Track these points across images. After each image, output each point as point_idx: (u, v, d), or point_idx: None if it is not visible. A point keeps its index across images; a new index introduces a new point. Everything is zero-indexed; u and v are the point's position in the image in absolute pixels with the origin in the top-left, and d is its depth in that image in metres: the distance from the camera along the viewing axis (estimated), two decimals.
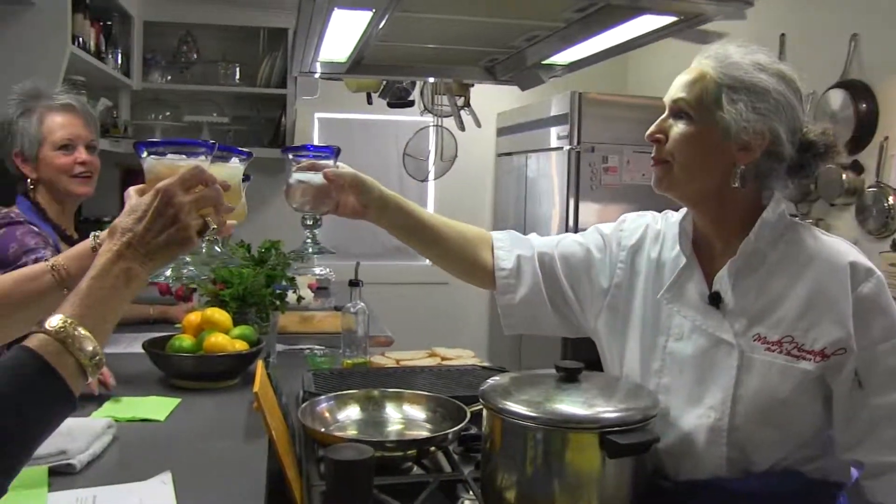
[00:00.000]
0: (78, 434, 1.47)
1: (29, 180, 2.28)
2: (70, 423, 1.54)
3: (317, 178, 1.55)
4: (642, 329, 1.49)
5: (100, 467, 1.44)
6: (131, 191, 1.14)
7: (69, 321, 0.91)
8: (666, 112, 1.42)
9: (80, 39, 3.49)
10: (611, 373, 1.55)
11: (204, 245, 1.21)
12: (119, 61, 4.26)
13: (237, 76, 4.84)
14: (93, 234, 1.36)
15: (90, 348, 0.92)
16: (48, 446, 1.38)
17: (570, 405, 1.24)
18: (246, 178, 1.59)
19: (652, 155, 1.42)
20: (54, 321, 0.91)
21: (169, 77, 4.78)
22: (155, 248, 1.02)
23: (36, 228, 2.16)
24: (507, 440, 1.26)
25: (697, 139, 1.36)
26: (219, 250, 1.33)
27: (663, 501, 1.33)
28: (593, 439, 1.18)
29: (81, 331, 0.91)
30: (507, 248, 1.64)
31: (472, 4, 1.74)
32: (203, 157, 1.18)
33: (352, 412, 1.64)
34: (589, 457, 1.19)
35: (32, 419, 0.87)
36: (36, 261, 2.01)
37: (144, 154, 1.18)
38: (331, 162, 1.57)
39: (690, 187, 1.40)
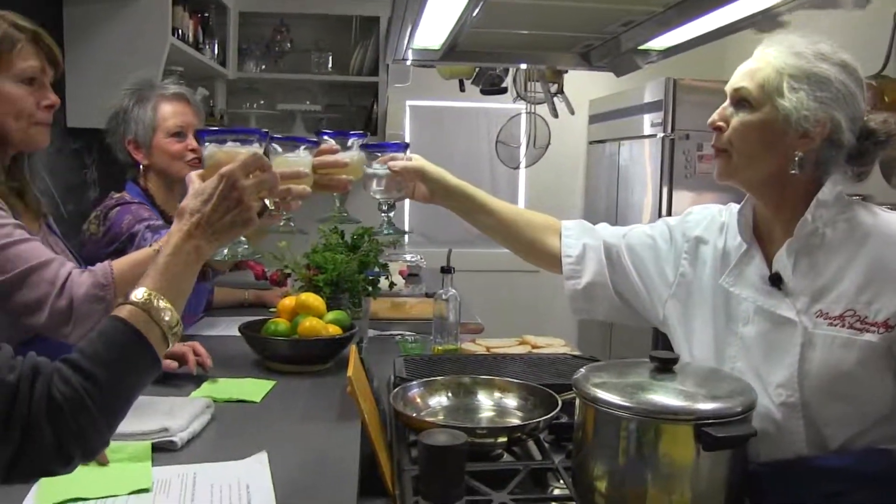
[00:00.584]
0: (179, 413, 1.53)
1: (140, 167, 2.37)
2: (171, 401, 1.61)
3: (383, 170, 1.70)
4: (713, 317, 1.52)
5: (199, 445, 1.49)
6: (193, 175, 1.19)
7: (152, 293, 1.02)
8: (727, 100, 1.45)
9: (180, 31, 3.58)
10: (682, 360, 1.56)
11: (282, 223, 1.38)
12: (215, 51, 4.36)
13: (330, 65, 4.89)
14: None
15: (170, 318, 1.03)
16: (151, 423, 1.44)
17: (665, 396, 1.21)
18: (361, 134, 1.73)
19: (712, 143, 1.46)
20: (139, 294, 1.02)
21: (263, 66, 4.88)
22: (220, 227, 1.12)
23: (148, 207, 2.25)
24: (600, 430, 1.24)
25: (758, 127, 1.38)
26: (293, 225, 1.50)
27: (749, 483, 1.30)
28: (688, 431, 1.16)
29: (162, 302, 1.03)
30: (574, 236, 1.76)
31: None
32: (257, 145, 1.25)
33: (443, 398, 1.65)
34: (683, 449, 1.17)
35: (127, 380, 0.98)
36: (149, 227, 2.12)
37: (206, 142, 1.26)
38: (402, 155, 1.71)
39: (750, 174, 1.43)
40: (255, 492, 1.26)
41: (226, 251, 1.28)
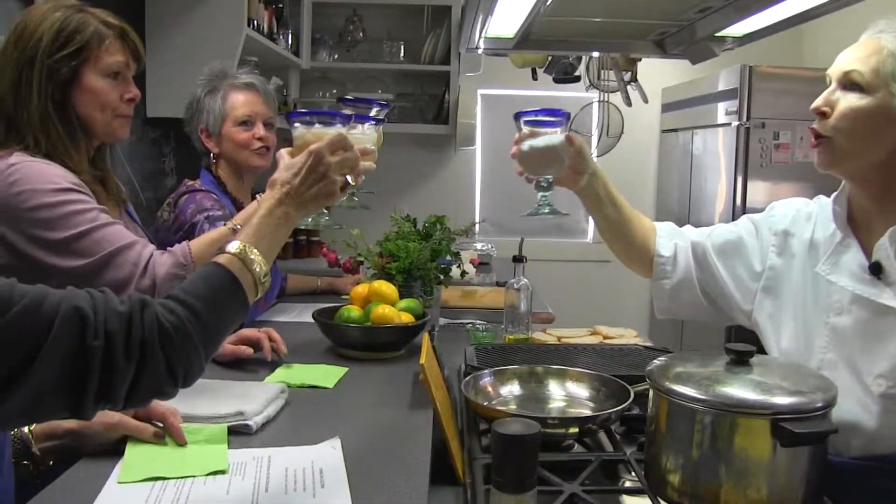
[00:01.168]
0: (254, 397, 1.56)
1: (212, 154, 2.43)
2: (246, 386, 1.64)
3: (558, 139, 1.68)
4: (803, 308, 1.50)
5: (273, 429, 1.51)
6: (283, 152, 1.34)
7: (246, 245, 1.16)
8: (833, 85, 1.40)
9: (255, 22, 3.64)
10: (770, 354, 1.56)
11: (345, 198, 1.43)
12: (289, 42, 4.42)
13: (402, 54, 4.92)
14: (258, 195, 1.62)
15: (260, 269, 1.16)
16: (227, 407, 1.48)
17: (741, 389, 1.19)
18: (384, 105, 1.75)
19: (813, 125, 1.42)
20: (234, 246, 1.15)
21: (336, 56, 4.92)
22: (307, 198, 1.26)
23: (214, 195, 2.31)
24: (674, 422, 1.22)
25: (868, 112, 1.35)
26: (356, 199, 1.57)
27: (839, 480, 1.27)
28: (765, 426, 1.13)
29: (255, 255, 1.15)
30: (666, 236, 1.76)
31: None
32: (341, 126, 1.38)
33: (514, 387, 1.65)
34: (760, 444, 1.14)
35: (222, 317, 1.10)
36: (208, 218, 2.18)
37: (295, 123, 1.40)
38: (562, 128, 1.69)
39: (855, 162, 1.40)
40: (329, 476, 1.28)
41: (310, 220, 1.39)
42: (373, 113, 1.67)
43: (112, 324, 0.96)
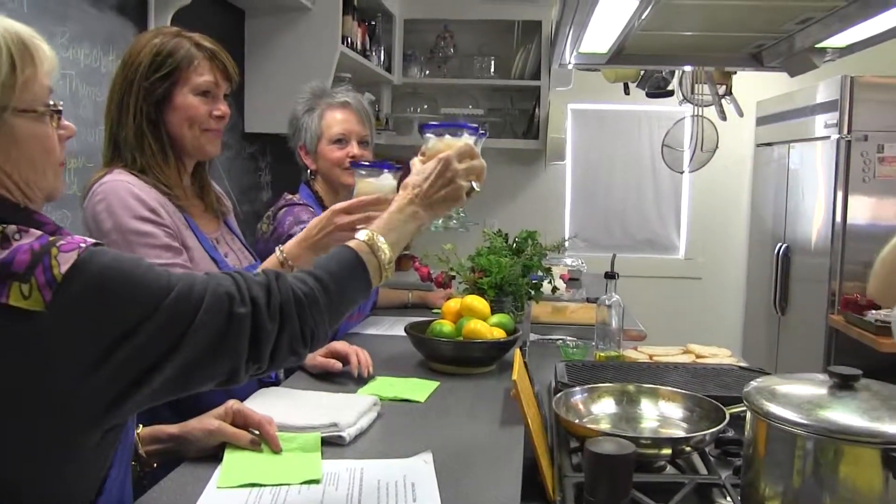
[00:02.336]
0: (347, 409, 1.58)
1: (310, 171, 2.50)
2: (340, 398, 1.67)
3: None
4: None
5: (366, 441, 1.53)
6: (415, 160, 1.48)
7: (375, 233, 1.28)
8: None
9: (349, 39, 3.72)
10: None
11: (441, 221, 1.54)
12: (381, 58, 4.50)
13: (492, 69, 4.94)
14: (278, 248, 1.67)
15: (385, 256, 1.27)
16: (322, 417, 1.51)
17: (847, 414, 1.14)
18: (483, 133, 1.72)
19: None
20: (363, 234, 1.28)
21: (427, 71, 4.98)
22: (435, 200, 1.38)
23: (311, 209, 2.37)
24: (773, 447, 1.19)
25: None
26: (455, 222, 1.60)
27: None
28: (874, 455, 1.08)
29: (383, 242, 1.28)
30: None
31: None
32: (467, 135, 1.50)
33: (606, 405, 1.63)
34: (868, 474, 1.09)
35: (347, 293, 1.21)
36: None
37: (428, 134, 1.51)
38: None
39: None
40: (420, 490, 1.28)
41: (440, 222, 1.52)
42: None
43: (255, 291, 1.07)
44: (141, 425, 1.41)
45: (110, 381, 0.96)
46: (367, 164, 1.82)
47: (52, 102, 1.07)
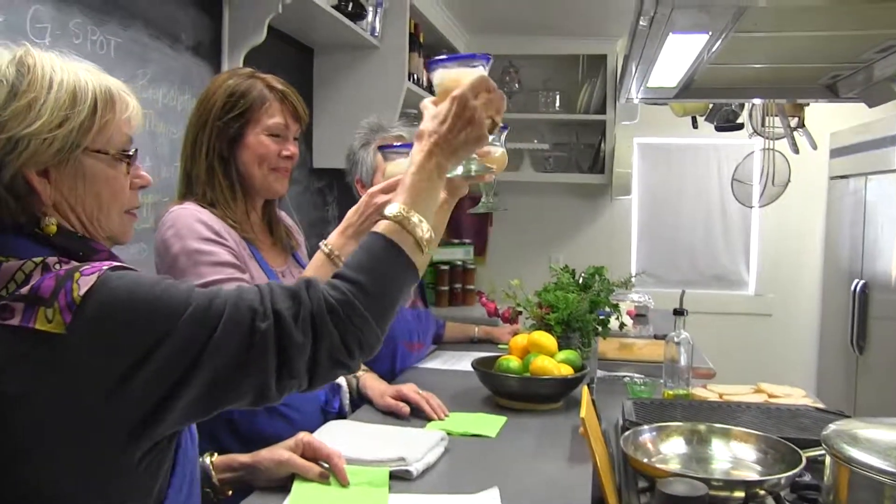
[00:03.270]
0: (415, 443, 1.58)
1: None
2: (408, 432, 1.67)
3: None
4: None
5: (433, 476, 1.53)
6: (426, 102, 1.30)
7: (403, 208, 1.17)
8: None
9: (415, 76, 3.77)
10: None
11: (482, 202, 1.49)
12: None
13: (557, 103, 4.95)
14: (322, 242, 1.67)
15: (422, 230, 1.17)
16: (389, 451, 1.51)
17: None
18: (504, 126, 1.67)
19: None
20: (393, 209, 1.17)
21: None
22: (457, 144, 1.23)
23: None
24: (856, 494, 1.14)
25: None
26: (493, 201, 1.62)
27: None
28: None
29: (414, 216, 1.17)
30: None
31: (817, 18, 1.62)
32: (481, 67, 1.31)
33: (675, 445, 1.59)
34: None
35: (388, 284, 1.13)
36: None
37: (437, 69, 1.33)
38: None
39: None
40: None
41: (460, 169, 1.36)
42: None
43: (279, 303, 1.04)
44: (216, 454, 1.45)
45: (137, 400, 0.98)
46: (396, 145, 1.81)
47: (128, 150, 1.14)
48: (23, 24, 1.85)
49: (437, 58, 1.34)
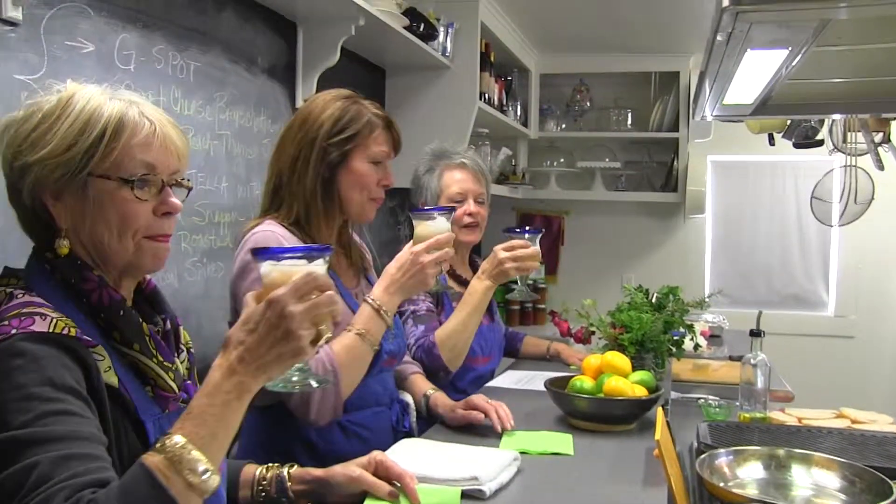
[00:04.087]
0: (488, 462, 1.58)
1: None
2: (480, 451, 1.67)
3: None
4: None
5: (506, 496, 1.52)
6: (249, 298, 1.11)
7: (179, 442, 0.97)
8: None
9: (486, 95, 3.80)
10: None
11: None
12: (518, 113, 4.56)
13: (629, 121, 4.91)
14: (368, 297, 1.73)
15: (200, 469, 0.97)
16: (462, 470, 1.51)
17: None
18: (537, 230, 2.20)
19: None
20: (169, 443, 0.97)
21: (563, 125, 5.00)
22: (267, 362, 1.03)
23: None
24: None
25: None
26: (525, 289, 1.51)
27: None
28: None
29: (192, 452, 0.97)
30: None
31: None
32: (321, 262, 1.13)
33: (753, 470, 1.55)
34: None
35: None
36: (413, 314, 2.36)
37: (263, 260, 1.13)
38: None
39: None
40: None
41: (279, 383, 1.13)
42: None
43: None
44: (295, 465, 1.48)
45: None
46: (425, 209, 1.94)
47: (135, 175, 1.17)
48: (111, 52, 1.93)
49: (266, 248, 1.17)
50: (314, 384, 1.17)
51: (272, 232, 1.75)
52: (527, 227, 2.37)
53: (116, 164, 1.16)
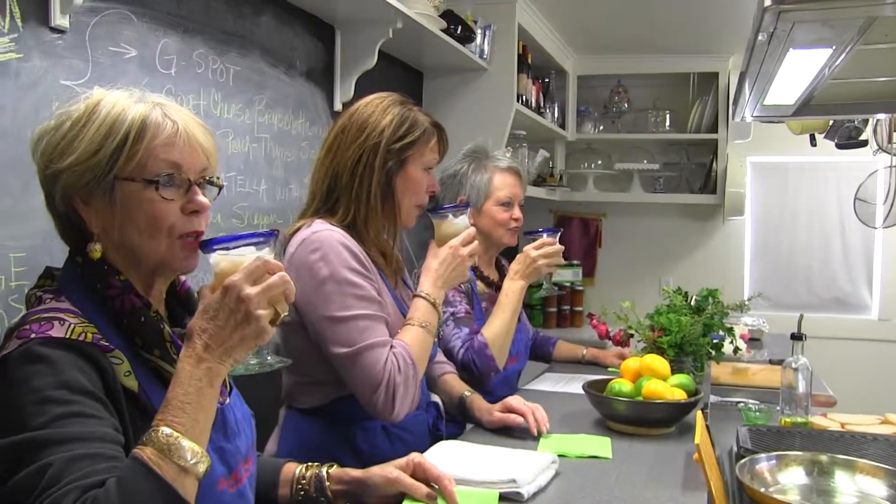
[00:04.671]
0: (526, 465, 1.57)
1: None
2: (518, 454, 1.67)
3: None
4: None
5: (544, 499, 1.52)
6: (204, 289, 1.16)
7: (166, 434, 1.01)
8: None
9: (524, 97, 3.79)
10: None
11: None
12: (555, 115, 4.54)
13: (667, 123, 4.87)
14: (421, 291, 1.81)
15: (188, 453, 1.01)
16: (500, 473, 1.51)
17: None
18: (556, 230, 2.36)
19: None
20: (159, 434, 1.01)
21: (601, 127, 4.98)
22: (231, 346, 1.07)
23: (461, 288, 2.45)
24: None
25: None
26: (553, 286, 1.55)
27: None
28: None
29: (179, 439, 1.01)
30: None
31: None
32: (268, 249, 1.16)
33: (795, 475, 1.53)
34: None
35: None
36: (453, 316, 2.38)
37: (211, 251, 1.17)
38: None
39: None
40: None
41: (253, 362, 1.18)
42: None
43: None
44: (335, 465, 1.50)
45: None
46: (446, 206, 2.03)
47: (160, 175, 1.19)
48: (153, 57, 1.96)
49: (215, 237, 1.19)
50: (274, 364, 1.21)
51: (331, 232, 1.76)
52: (543, 228, 2.48)
53: (141, 165, 1.18)
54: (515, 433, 1.92)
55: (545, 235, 2.39)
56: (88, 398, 1.06)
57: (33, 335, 1.08)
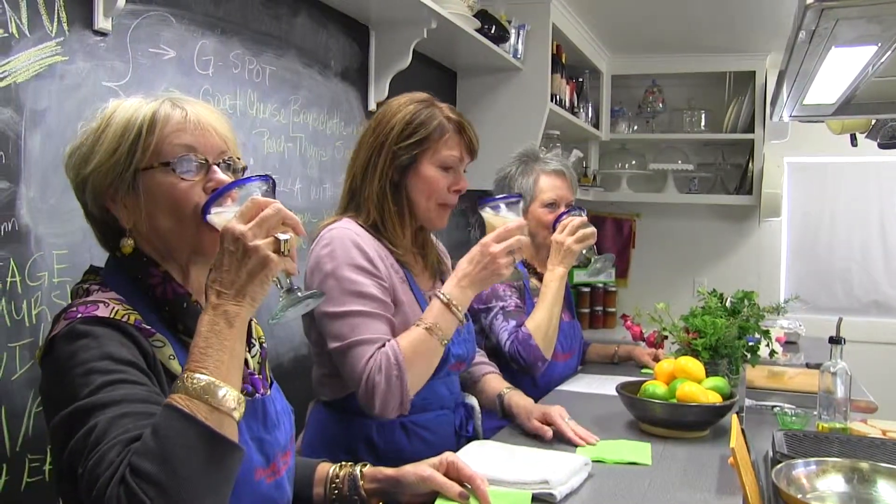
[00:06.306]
0: (559, 466, 1.57)
1: None
2: (552, 455, 1.66)
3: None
4: None
5: (576, 501, 1.51)
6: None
7: (191, 376, 1.04)
8: None
9: (557, 97, 3.78)
10: None
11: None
12: (589, 114, 4.52)
13: (702, 123, 4.83)
14: (439, 292, 1.74)
15: (219, 391, 1.05)
16: (533, 474, 1.51)
17: None
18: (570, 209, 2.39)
19: None
20: (181, 381, 1.05)
21: (635, 127, 4.95)
22: (241, 284, 1.10)
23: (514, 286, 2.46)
24: None
25: None
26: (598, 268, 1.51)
27: None
28: None
29: (205, 379, 1.04)
30: None
31: None
32: (258, 192, 1.17)
33: (833, 482, 1.50)
34: None
35: (186, 465, 0.99)
36: (503, 309, 2.38)
37: (209, 213, 1.20)
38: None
39: None
40: None
41: (278, 312, 1.20)
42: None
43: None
44: (368, 465, 1.51)
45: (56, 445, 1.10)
46: (497, 197, 1.94)
47: (178, 157, 1.23)
48: (191, 58, 1.99)
49: (220, 188, 1.21)
50: (308, 298, 1.21)
51: (347, 230, 1.77)
52: (561, 212, 2.51)
53: (156, 153, 1.23)
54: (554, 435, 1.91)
55: (564, 218, 2.43)
56: (132, 367, 1.12)
57: (79, 315, 1.14)
